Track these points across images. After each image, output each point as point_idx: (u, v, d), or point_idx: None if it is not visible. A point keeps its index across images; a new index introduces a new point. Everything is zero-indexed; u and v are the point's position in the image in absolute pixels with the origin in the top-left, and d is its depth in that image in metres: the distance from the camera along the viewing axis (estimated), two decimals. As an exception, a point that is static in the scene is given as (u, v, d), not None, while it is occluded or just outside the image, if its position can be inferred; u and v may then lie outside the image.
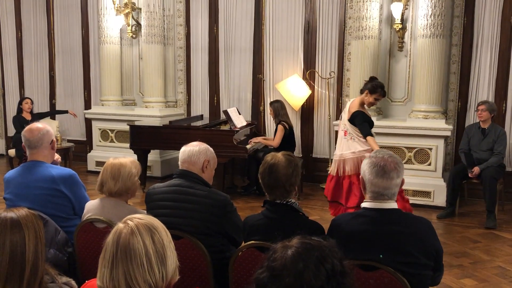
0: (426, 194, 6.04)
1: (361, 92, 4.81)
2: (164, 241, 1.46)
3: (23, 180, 2.93)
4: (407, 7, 6.28)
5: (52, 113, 8.06)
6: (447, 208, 5.72)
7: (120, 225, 1.47)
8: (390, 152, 2.26)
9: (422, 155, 6.08)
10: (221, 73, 7.72)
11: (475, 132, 5.71)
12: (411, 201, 5.93)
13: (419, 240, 2.10)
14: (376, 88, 4.71)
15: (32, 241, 1.58)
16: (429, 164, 6.04)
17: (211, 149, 2.86)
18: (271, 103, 6.56)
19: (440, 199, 5.95)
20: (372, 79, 4.86)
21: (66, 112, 8.06)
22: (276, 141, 6.29)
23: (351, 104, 4.85)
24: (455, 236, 5.06)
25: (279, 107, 6.41)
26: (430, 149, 6.01)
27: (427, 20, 5.86)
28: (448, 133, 6.02)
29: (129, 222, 1.47)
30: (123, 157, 2.83)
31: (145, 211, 2.72)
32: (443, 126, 5.94)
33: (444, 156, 6.13)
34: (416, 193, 6.07)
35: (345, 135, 4.81)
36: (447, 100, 6.51)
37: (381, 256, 2.07)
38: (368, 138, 4.60)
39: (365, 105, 4.81)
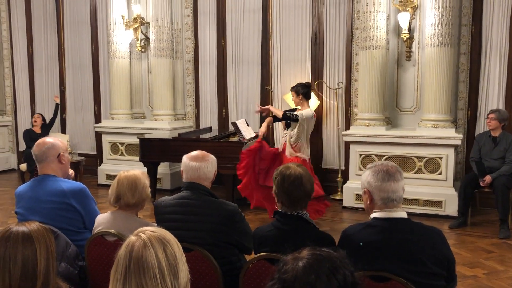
0: (437, 203, 5.99)
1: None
2: (176, 253, 1.46)
3: (34, 194, 2.96)
4: (414, 17, 6.29)
5: (53, 119, 8.10)
6: (459, 218, 5.66)
7: (132, 237, 1.47)
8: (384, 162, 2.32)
9: (432, 165, 6.04)
10: (229, 85, 7.77)
11: (486, 140, 5.66)
12: (422, 211, 5.93)
13: (430, 249, 2.09)
14: None
15: (44, 255, 1.59)
16: (440, 174, 6.00)
17: (213, 156, 2.89)
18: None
19: (451, 208, 5.89)
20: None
21: (58, 106, 8.14)
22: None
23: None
24: (468, 246, 5.00)
25: None
26: (441, 158, 5.97)
27: (435, 29, 5.86)
28: (458, 142, 5.97)
29: (141, 234, 1.47)
30: (132, 169, 2.86)
31: (155, 224, 2.72)
32: (453, 135, 5.90)
33: (454, 165, 6.08)
34: (427, 202, 6.02)
35: None
36: (456, 109, 6.48)
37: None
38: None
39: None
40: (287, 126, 5.62)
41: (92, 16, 8.64)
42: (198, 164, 2.77)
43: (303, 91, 5.61)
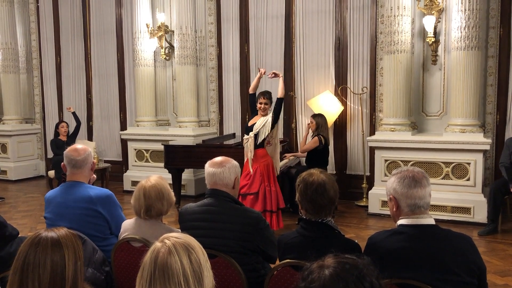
0: (466, 210, 5.85)
1: None
2: (201, 260, 1.46)
3: (62, 200, 3.01)
4: (439, 20, 6.20)
5: (78, 126, 8.14)
6: (489, 225, 5.51)
7: (158, 244, 1.48)
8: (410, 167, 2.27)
9: (460, 170, 5.91)
10: (253, 92, 7.77)
11: (516, 145, 5.51)
12: (450, 218, 5.80)
13: (460, 257, 2.03)
14: (257, 95, 5.33)
15: (72, 260, 1.62)
16: (468, 179, 5.86)
17: (235, 162, 2.86)
18: (314, 116, 6.39)
19: (480, 215, 5.75)
20: None
21: (74, 113, 8.15)
22: (304, 148, 6.25)
23: None
24: (499, 254, 4.86)
25: (322, 122, 6.31)
26: (469, 163, 5.84)
27: (461, 32, 5.76)
28: (487, 147, 5.84)
29: (166, 241, 1.47)
30: (150, 176, 2.86)
31: (180, 231, 2.73)
32: (481, 140, 5.77)
33: (483, 171, 5.93)
34: (455, 209, 5.89)
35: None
36: (484, 113, 6.33)
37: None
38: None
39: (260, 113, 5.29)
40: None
41: (117, 25, 8.80)
42: (214, 170, 2.76)
43: None
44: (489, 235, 5.42)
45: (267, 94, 5.30)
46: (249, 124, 5.34)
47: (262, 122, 5.20)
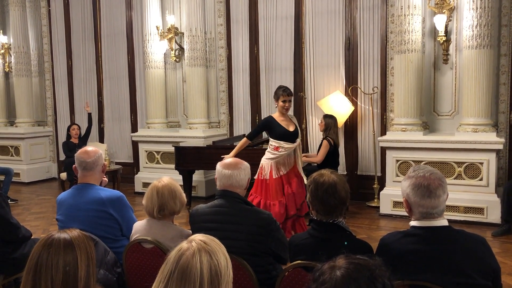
0: (479, 210, 5.79)
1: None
2: (222, 270, 1.46)
3: (74, 202, 3.03)
4: (450, 19, 6.15)
5: (89, 128, 8.14)
6: (503, 225, 5.45)
7: (185, 244, 1.49)
8: (428, 167, 2.18)
9: (473, 170, 5.85)
10: (262, 93, 7.78)
11: (530, 144, 5.44)
12: (462, 218, 5.74)
13: (473, 259, 2.00)
14: (277, 93, 4.90)
15: (84, 262, 1.63)
16: (481, 179, 5.80)
17: (247, 163, 2.88)
18: (325, 116, 6.34)
19: (494, 215, 5.68)
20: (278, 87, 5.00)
21: (90, 115, 8.16)
22: (319, 157, 6.18)
23: None
24: (513, 254, 4.80)
25: (332, 123, 6.25)
26: (481, 163, 5.78)
27: (473, 31, 5.70)
28: (500, 146, 5.77)
29: (193, 243, 1.49)
30: (162, 177, 2.89)
31: (191, 232, 2.74)
32: (494, 139, 5.71)
33: (496, 171, 5.86)
34: (468, 209, 5.82)
35: None
36: (497, 112, 6.26)
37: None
38: (244, 139, 5.20)
39: (282, 112, 4.90)
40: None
41: (128, 28, 8.86)
42: (230, 172, 2.77)
43: None
44: (503, 235, 5.35)
45: (289, 90, 4.93)
46: (288, 129, 4.89)
47: (297, 129, 4.97)
